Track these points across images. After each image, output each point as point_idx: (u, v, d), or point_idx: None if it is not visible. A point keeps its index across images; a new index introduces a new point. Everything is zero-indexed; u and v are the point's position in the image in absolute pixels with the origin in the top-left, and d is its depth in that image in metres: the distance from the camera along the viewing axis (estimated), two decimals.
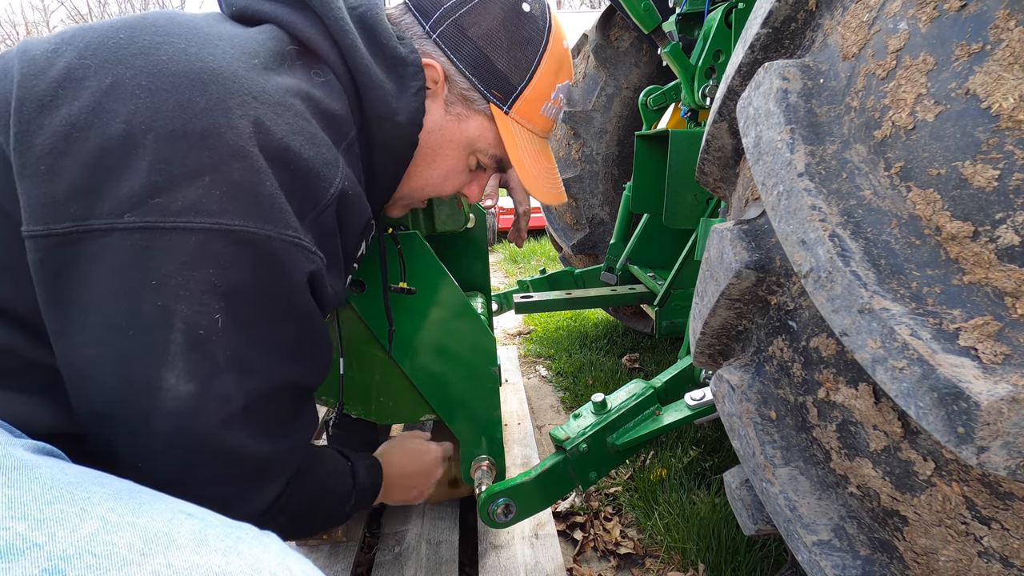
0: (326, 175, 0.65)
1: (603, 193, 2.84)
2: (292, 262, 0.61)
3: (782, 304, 0.66)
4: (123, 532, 0.44)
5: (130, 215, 0.54)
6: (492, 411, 1.30)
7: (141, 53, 0.58)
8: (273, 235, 0.59)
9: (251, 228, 0.58)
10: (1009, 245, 0.46)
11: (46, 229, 0.54)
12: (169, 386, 0.57)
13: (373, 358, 1.22)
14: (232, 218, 0.57)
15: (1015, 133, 0.45)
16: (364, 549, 1.46)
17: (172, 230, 0.55)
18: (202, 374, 0.58)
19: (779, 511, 0.67)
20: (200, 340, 0.57)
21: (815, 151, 0.58)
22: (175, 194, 0.55)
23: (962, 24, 0.49)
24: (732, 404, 0.72)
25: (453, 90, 0.82)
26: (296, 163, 0.62)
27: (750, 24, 0.72)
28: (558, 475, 1.18)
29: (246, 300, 0.59)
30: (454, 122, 0.83)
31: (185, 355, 0.57)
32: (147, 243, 0.55)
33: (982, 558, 0.53)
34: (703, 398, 1.18)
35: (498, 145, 0.86)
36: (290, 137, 0.62)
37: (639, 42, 2.62)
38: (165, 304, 0.56)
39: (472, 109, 0.83)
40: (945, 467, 0.53)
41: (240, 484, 0.65)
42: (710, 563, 1.37)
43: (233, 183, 0.57)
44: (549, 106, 0.87)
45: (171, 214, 0.55)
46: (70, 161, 0.54)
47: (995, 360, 0.45)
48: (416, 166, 0.85)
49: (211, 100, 0.57)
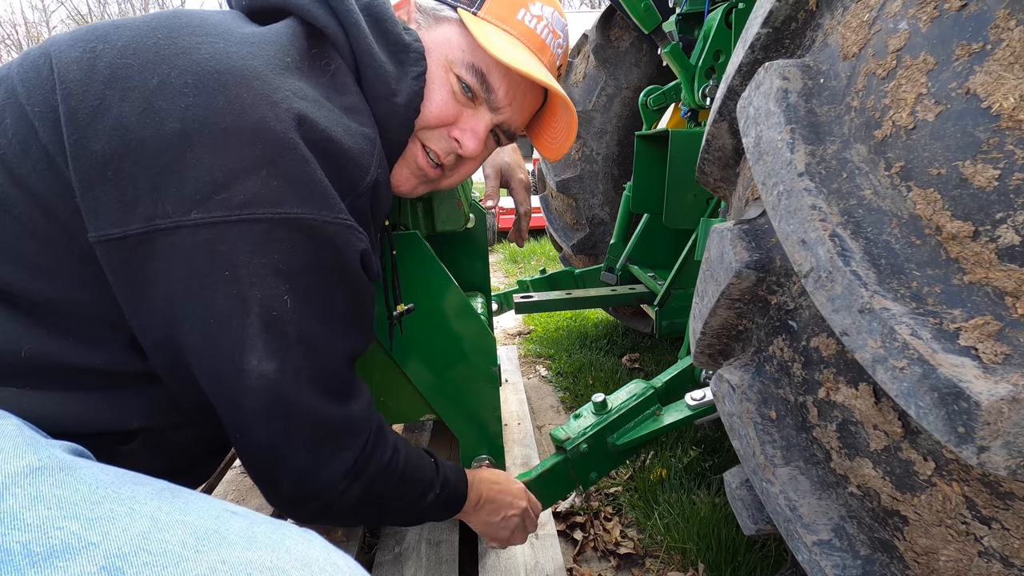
0: (364, 163, 0.69)
1: (603, 193, 2.84)
2: (346, 242, 0.65)
3: (782, 304, 0.66)
4: (175, 530, 0.45)
5: (196, 212, 0.57)
6: (492, 411, 1.30)
7: (183, 53, 0.60)
8: (329, 219, 0.63)
9: (308, 214, 0.61)
10: (1009, 245, 0.46)
11: (122, 232, 0.57)
12: (252, 367, 0.61)
13: (373, 358, 1.22)
14: (291, 206, 0.60)
15: (1015, 133, 0.45)
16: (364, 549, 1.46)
17: (238, 222, 0.58)
18: (279, 351, 0.62)
19: (779, 511, 0.67)
20: (274, 320, 0.61)
21: (815, 151, 0.58)
22: (237, 188, 0.58)
23: (963, 24, 0.49)
24: (732, 404, 0.72)
25: (423, 10, 0.83)
26: (337, 152, 0.65)
27: (750, 24, 0.72)
28: (558, 475, 1.18)
29: (308, 279, 0.64)
30: (423, 31, 0.82)
31: (263, 336, 0.61)
32: (216, 236, 0.58)
33: (982, 558, 0.53)
34: (703, 398, 1.18)
35: (473, 49, 0.81)
36: (331, 128, 0.65)
37: (639, 42, 2.62)
38: (240, 291, 0.59)
39: (439, 18, 0.83)
40: (945, 467, 0.53)
41: (321, 447, 0.69)
42: (710, 563, 1.37)
43: (288, 174, 0.60)
44: (529, 16, 0.84)
45: (235, 207, 0.58)
46: (130, 164, 0.57)
47: (995, 360, 0.45)
48: None
49: (256, 96, 0.60)
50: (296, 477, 0.69)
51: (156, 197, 0.57)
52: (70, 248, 0.59)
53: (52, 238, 0.59)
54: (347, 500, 0.73)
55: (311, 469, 0.69)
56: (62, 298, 0.60)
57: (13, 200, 0.58)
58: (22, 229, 0.58)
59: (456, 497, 0.92)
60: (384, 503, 0.80)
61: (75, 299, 0.61)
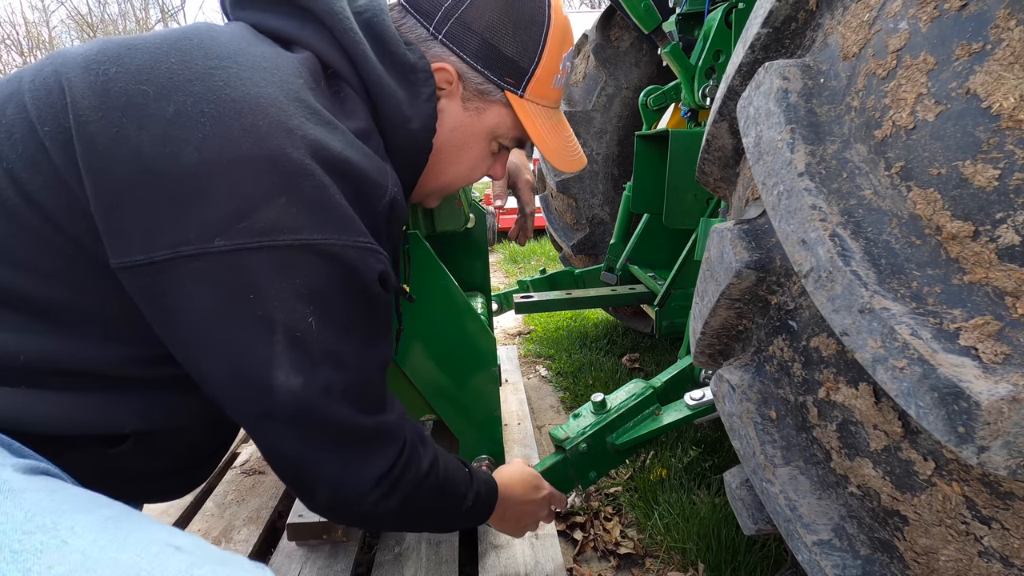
0: (381, 183, 0.70)
1: (603, 193, 2.84)
2: (367, 264, 0.66)
3: (782, 304, 0.66)
4: (103, 570, 0.44)
5: (219, 239, 0.58)
6: (492, 411, 1.30)
7: (198, 79, 0.60)
8: (348, 243, 0.64)
9: (329, 240, 0.62)
10: (1009, 245, 0.46)
11: (148, 258, 0.58)
12: (280, 383, 0.63)
13: None
14: (311, 232, 0.61)
15: (1015, 133, 0.45)
16: (364, 549, 1.46)
17: (259, 249, 0.59)
18: (306, 368, 0.64)
19: (779, 511, 0.67)
20: (299, 340, 0.63)
21: (815, 151, 0.58)
22: (257, 216, 0.59)
23: (963, 24, 0.49)
24: (732, 404, 0.72)
25: (468, 87, 0.83)
26: (355, 175, 0.66)
27: (750, 24, 0.72)
28: (557, 475, 1.18)
29: (331, 301, 0.65)
30: (473, 117, 0.86)
31: (289, 354, 0.63)
32: (239, 263, 0.59)
33: (982, 558, 0.53)
34: (703, 398, 1.18)
35: (517, 127, 0.88)
36: (347, 151, 0.66)
37: (639, 42, 2.62)
38: (265, 314, 0.61)
39: (488, 101, 0.85)
40: (945, 467, 0.53)
41: (350, 456, 0.71)
42: (710, 563, 1.37)
43: (306, 200, 0.61)
44: (559, 78, 0.88)
45: (256, 234, 0.59)
46: (151, 192, 0.58)
47: (995, 360, 0.45)
48: (442, 163, 0.88)
49: (272, 123, 0.61)
50: (328, 486, 0.70)
51: (179, 225, 0.58)
52: (78, 260, 0.60)
53: (59, 249, 0.60)
54: (385, 509, 0.74)
55: (341, 477, 0.70)
56: (62, 303, 0.61)
57: (18, 210, 0.59)
58: (29, 238, 0.59)
59: (485, 509, 0.95)
60: (422, 513, 0.83)
61: (76, 305, 0.62)
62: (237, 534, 1.46)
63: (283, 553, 1.36)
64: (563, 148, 0.92)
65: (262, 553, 1.46)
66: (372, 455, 0.72)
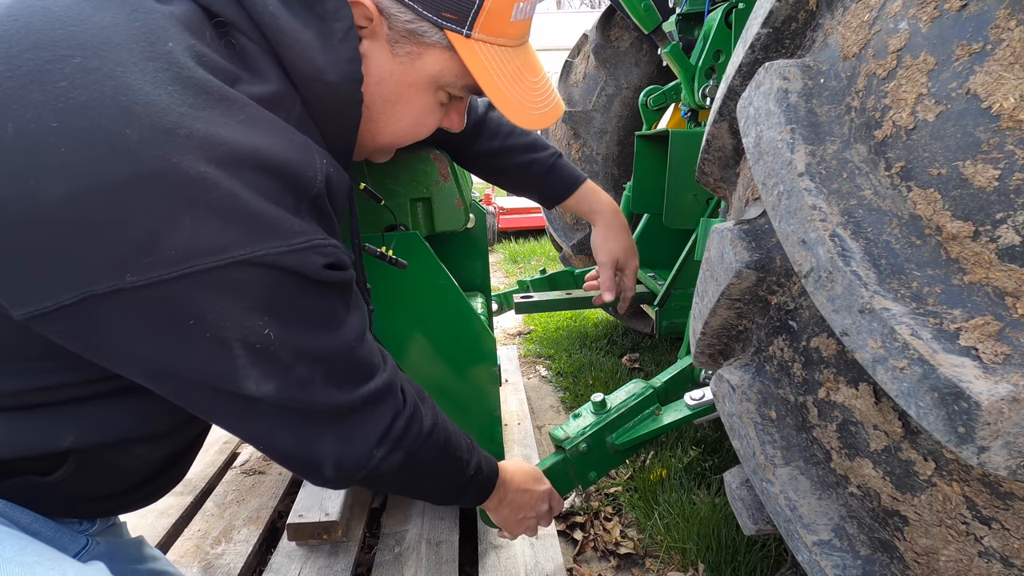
0: (306, 163, 0.59)
1: None
2: (311, 264, 0.58)
3: (782, 304, 0.66)
4: None
5: (130, 275, 0.49)
6: (492, 411, 1.30)
7: (34, 83, 0.47)
8: (284, 249, 0.55)
9: (259, 252, 0.53)
10: (1010, 245, 0.46)
11: (55, 304, 0.50)
12: (252, 392, 0.58)
13: None
14: (236, 249, 0.52)
15: (1016, 133, 0.45)
16: (364, 549, 1.46)
17: (181, 278, 0.51)
18: (275, 374, 0.59)
19: (779, 511, 0.67)
20: (260, 351, 0.57)
21: (815, 151, 0.58)
22: (164, 245, 0.49)
23: (963, 24, 0.49)
24: (732, 404, 0.72)
25: (395, 26, 0.66)
26: (270, 165, 0.55)
27: (750, 24, 0.72)
28: (557, 475, 1.18)
29: (284, 308, 0.58)
30: (406, 64, 0.69)
31: (254, 366, 0.57)
32: (163, 294, 0.51)
33: (982, 558, 0.53)
34: (703, 398, 1.18)
35: (466, 75, 0.71)
36: (251, 138, 0.54)
37: (639, 42, 2.62)
38: (214, 335, 0.54)
39: (423, 44, 0.68)
40: (945, 467, 0.53)
41: (345, 427, 0.67)
42: (710, 563, 1.37)
43: (217, 214, 0.51)
44: (521, 5, 0.69)
45: (171, 264, 0.50)
46: (29, 238, 0.48)
47: (996, 360, 0.45)
48: (375, 121, 0.73)
49: (143, 128, 0.48)
50: (332, 460, 0.68)
51: (77, 266, 0.49)
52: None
53: None
54: (389, 466, 0.72)
55: (342, 451, 0.68)
56: None
57: None
58: None
59: (487, 485, 0.93)
60: (424, 474, 0.80)
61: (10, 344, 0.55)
62: (237, 534, 1.46)
63: (283, 553, 1.36)
64: (526, 100, 0.74)
65: (262, 553, 1.46)
66: (368, 420, 0.69)
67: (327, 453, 0.67)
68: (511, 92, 0.72)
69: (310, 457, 0.67)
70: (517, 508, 1.03)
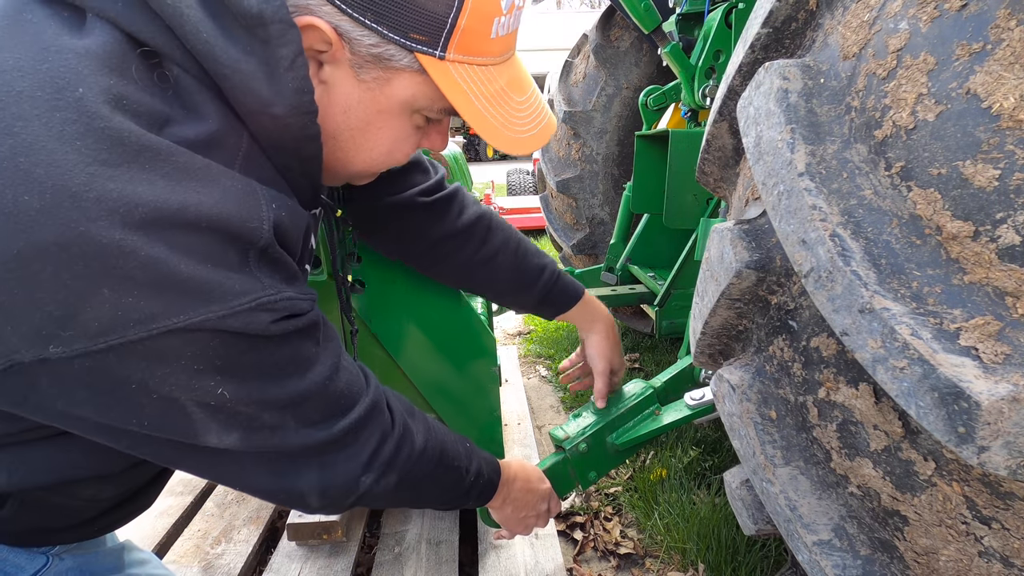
0: (249, 212, 0.52)
1: (603, 193, 2.84)
2: (257, 324, 0.52)
3: (782, 304, 0.66)
4: None
5: (54, 347, 0.45)
6: (492, 411, 1.30)
7: None
8: (224, 313, 0.49)
9: (195, 317, 0.48)
10: (1010, 245, 0.46)
11: None
12: (215, 444, 0.55)
13: (373, 357, 1.22)
14: (167, 318, 0.47)
15: (1016, 133, 0.45)
16: (364, 549, 1.46)
17: (108, 350, 0.46)
18: (237, 426, 0.55)
19: (779, 511, 0.67)
20: (216, 408, 0.53)
21: (815, 151, 0.58)
22: (82, 319, 0.45)
23: (963, 24, 0.49)
24: (732, 404, 0.72)
25: (358, 50, 0.58)
26: (206, 217, 0.49)
27: (750, 24, 0.72)
28: (557, 475, 1.18)
29: (238, 367, 0.53)
30: (374, 91, 0.62)
31: (213, 419, 0.54)
32: (95, 364, 0.47)
33: (983, 558, 0.53)
34: (703, 398, 1.18)
35: (443, 98, 0.63)
36: (180, 191, 0.48)
37: (639, 42, 2.62)
38: (162, 396, 0.50)
39: (392, 68, 0.60)
40: (946, 467, 0.53)
41: (326, 460, 0.65)
42: (710, 563, 1.37)
43: (140, 284, 0.46)
44: (503, 19, 0.62)
45: (95, 336, 0.45)
46: None
47: (996, 360, 0.45)
48: (345, 151, 0.67)
49: (46, 194, 0.43)
50: (316, 492, 0.65)
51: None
52: None
53: None
54: (384, 488, 0.70)
55: (326, 480, 0.65)
56: None
57: None
58: None
59: (488, 487, 0.92)
60: (422, 489, 0.79)
61: None
62: (237, 534, 1.46)
63: (283, 553, 1.36)
64: (510, 123, 0.67)
65: (262, 553, 1.46)
66: (351, 448, 0.67)
67: (310, 487, 0.65)
68: (492, 115, 0.65)
69: (291, 492, 0.64)
70: (520, 507, 1.02)
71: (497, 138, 0.66)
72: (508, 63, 0.67)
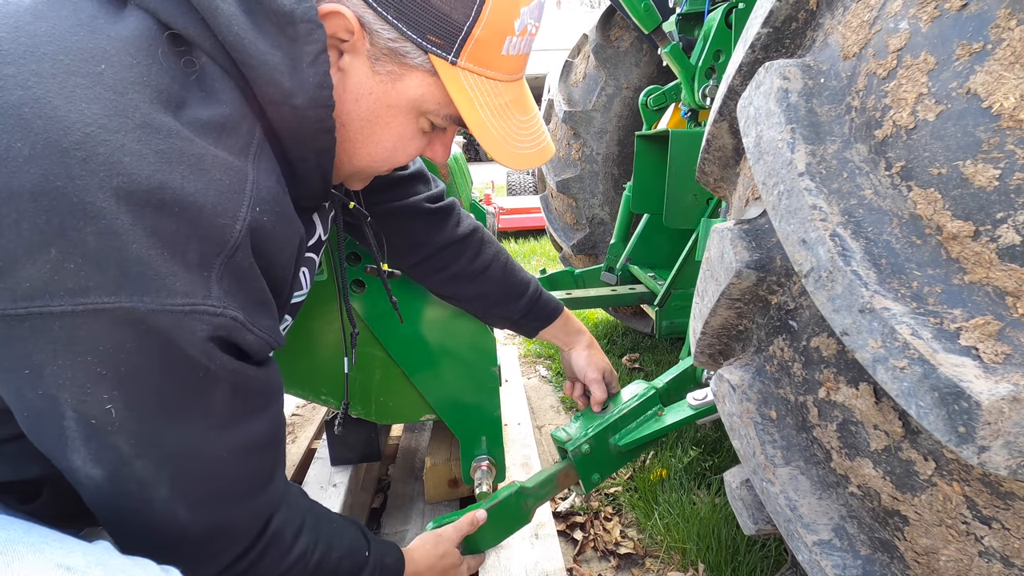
0: (224, 209, 0.52)
1: (603, 193, 2.84)
2: (187, 333, 0.50)
3: (783, 304, 0.66)
4: None
5: None
6: (492, 411, 1.30)
7: None
8: (155, 308, 0.48)
9: (125, 304, 0.47)
10: (1010, 245, 0.46)
11: None
12: (77, 467, 0.52)
13: (373, 358, 1.22)
14: (99, 295, 0.46)
15: (1016, 132, 0.45)
16: None
17: (27, 317, 0.45)
18: (109, 462, 0.51)
19: (779, 511, 0.67)
20: (95, 430, 0.50)
21: (816, 151, 0.58)
22: (19, 275, 0.44)
23: (963, 23, 0.49)
24: (732, 404, 0.72)
25: (377, 42, 0.62)
26: (180, 202, 0.48)
27: (751, 24, 0.72)
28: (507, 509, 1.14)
29: (143, 384, 0.50)
30: (386, 84, 0.65)
31: (85, 443, 0.50)
32: (3, 331, 0.45)
33: (983, 558, 0.53)
34: (705, 398, 1.18)
35: (450, 104, 0.67)
36: (165, 170, 0.48)
37: (639, 42, 2.62)
38: (46, 392, 0.48)
39: (406, 65, 0.64)
40: (946, 467, 0.52)
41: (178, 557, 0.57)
42: (710, 563, 1.37)
43: (89, 251, 0.45)
44: (515, 40, 0.65)
45: (20, 299, 0.45)
46: None
47: (996, 360, 0.45)
48: (352, 141, 0.69)
49: (37, 145, 0.44)
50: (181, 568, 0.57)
51: None
52: None
53: None
54: None
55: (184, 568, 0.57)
56: None
57: None
58: None
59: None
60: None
61: None
62: None
63: None
64: (511, 137, 0.70)
65: None
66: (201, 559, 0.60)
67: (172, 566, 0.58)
68: (494, 126, 0.68)
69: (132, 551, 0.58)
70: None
71: (496, 149, 0.69)
72: (515, 84, 0.71)
